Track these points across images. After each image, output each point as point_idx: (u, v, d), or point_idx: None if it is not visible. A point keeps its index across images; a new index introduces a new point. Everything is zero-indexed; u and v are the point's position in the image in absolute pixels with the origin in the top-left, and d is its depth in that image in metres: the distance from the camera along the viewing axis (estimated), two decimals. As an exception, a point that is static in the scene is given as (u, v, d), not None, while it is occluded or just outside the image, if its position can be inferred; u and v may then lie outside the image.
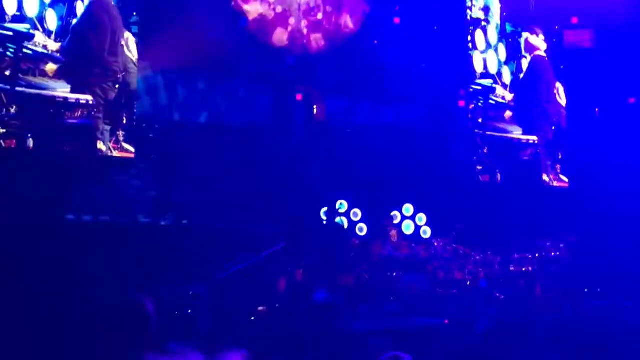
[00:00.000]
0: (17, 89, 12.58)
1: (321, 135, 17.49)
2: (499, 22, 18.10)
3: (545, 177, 18.49)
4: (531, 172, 18.01)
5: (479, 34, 17.92)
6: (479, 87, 17.78)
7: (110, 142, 14.02)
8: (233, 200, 15.33)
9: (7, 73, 12.53)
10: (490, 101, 17.74)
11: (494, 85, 17.91)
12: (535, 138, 18.33)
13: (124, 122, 14.34)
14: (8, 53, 12.55)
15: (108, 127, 13.96)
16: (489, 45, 17.96)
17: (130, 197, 14.43)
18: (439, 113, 18.39)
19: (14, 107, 12.56)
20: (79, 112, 13.39)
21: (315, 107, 17.66)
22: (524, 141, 17.93)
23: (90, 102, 13.42)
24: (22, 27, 12.87)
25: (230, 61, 16.18)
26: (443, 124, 18.27)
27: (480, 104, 17.56)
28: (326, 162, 16.84)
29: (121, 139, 14.24)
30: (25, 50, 12.66)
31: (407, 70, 18.01)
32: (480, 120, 17.56)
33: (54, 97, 13.09)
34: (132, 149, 14.31)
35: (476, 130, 17.49)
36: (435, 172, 17.68)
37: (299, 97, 17.39)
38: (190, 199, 15.12)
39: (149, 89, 15.71)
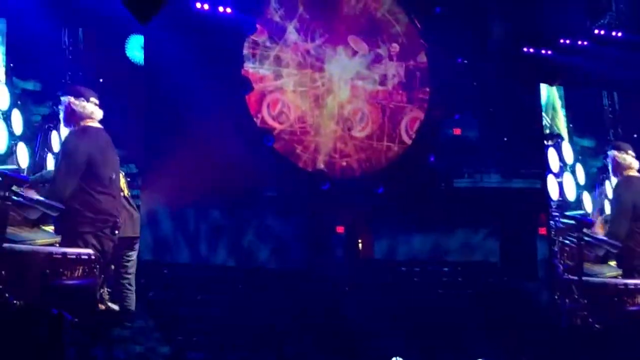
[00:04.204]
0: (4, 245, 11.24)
1: (368, 276, 15.98)
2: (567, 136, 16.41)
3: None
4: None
5: (551, 152, 15.89)
6: (571, 221, 15.45)
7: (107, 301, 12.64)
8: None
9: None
10: (586, 237, 15.33)
11: (586, 216, 15.59)
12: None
13: (122, 274, 12.79)
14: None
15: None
16: (564, 166, 15.98)
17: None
18: (515, 247, 16.52)
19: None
20: (80, 271, 11.88)
21: (360, 241, 16.43)
22: (632, 286, 15.28)
23: (93, 257, 11.92)
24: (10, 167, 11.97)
25: (252, 188, 15.53)
26: (521, 262, 16.38)
27: (571, 242, 15.19)
28: (375, 310, 15.00)
29: (106, 297, 12.67)
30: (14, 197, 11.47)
31: (471, 193, 16.54)
32: (571, 263, 15.17)
33: (50, 253, 11.65)
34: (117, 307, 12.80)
35: (568, 276, 15.07)
36: (513, 321, 15.33)
37: (340, 229, 16.17)
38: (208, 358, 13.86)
39: (154, 226, 14.91)
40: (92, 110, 12.22)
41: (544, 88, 15.87)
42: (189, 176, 14.25)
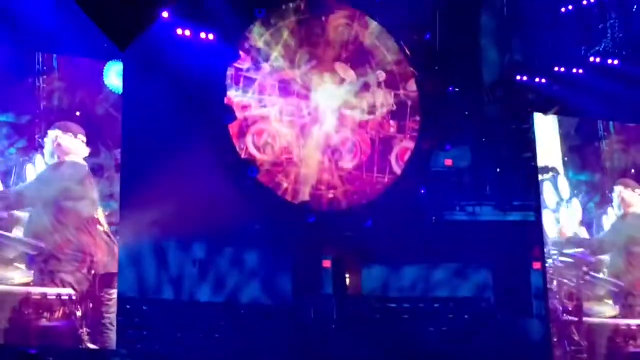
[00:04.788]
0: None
1: (356, 313, 15.65)
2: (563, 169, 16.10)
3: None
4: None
5: (547, 187, 15.58)
6: (570, 259, 15.12)
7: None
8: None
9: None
10: (586, 277, 15.02)
11: (585, 254, 15.29)
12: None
13: (103, 314, 12.62)
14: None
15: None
16: (560, 201, 15.68)
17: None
18: (509, 282, 16.28)
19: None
20: (60, 312, 12.07)
21: (347, 276, 16.14)
22: (634, 327, 14.94)
23: (74, 298, 12.13)
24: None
25: (235, 221, 14.90)
26: (515, 297, 16.12)
27: (570, 281, 14.90)
28: (364, 349, 14.69)
29: (85, 338, 12.46)
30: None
31: (463, 226, 16.15)
32: (570, 303, 14.87)
33: (29, 293, 11.86)
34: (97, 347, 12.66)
35: (567, 317, 14.75)
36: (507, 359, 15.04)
37: (326, 264, 15.88)
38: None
39: (134, 262, 14.57)
40: (77, 146, 12.47)
41: (538, 117, 15.59)
42: (169, 210, 13.94)
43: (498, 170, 16.44)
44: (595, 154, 15.86)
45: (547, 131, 15.72)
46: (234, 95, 15.25)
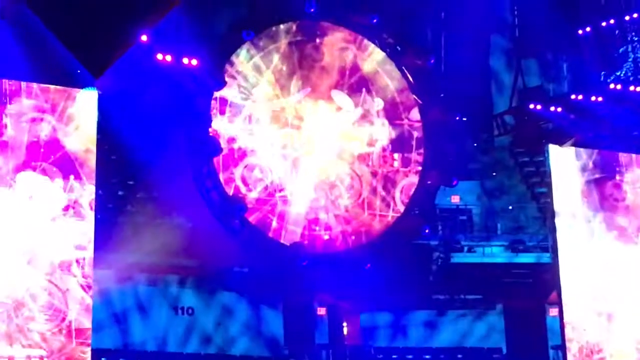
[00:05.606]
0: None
1: None
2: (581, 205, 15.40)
3: None
4: None
5: (564, 224, 14.91)
6: (590, 306, 14.44)
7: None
8: None
9: None
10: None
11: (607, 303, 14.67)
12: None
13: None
14: None
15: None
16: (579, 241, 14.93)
17: None
18: (522, 331, 15.56)
19: None
20: None
21: (344, 325, 15.48)
22: None
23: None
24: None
25: (221, 264, 14.42)
26: (530, 348, 15.30)
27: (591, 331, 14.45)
28: None
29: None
30: None
31: (472, 269, 15.42)
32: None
33: None
34: None
35: None
36: None
37: (321, 311, 15.34)
38: None
39: (110, 311, 13.93)
40: (47, 185, 11.79)
41: (553, 149, 14.84)
42: (149, 252, 13.56)
43: (510, 207, 16.05)
44: (616, 189, 15.20)
45: (563, 164, 15.07)
46: (220, 126, 14.42)
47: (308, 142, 14.95)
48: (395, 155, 15.31)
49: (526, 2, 15.68)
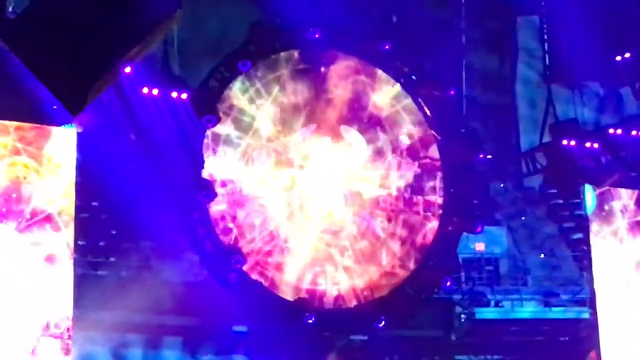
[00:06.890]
0: None
1: None
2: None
3: None
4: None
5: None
6: None
7: None
8: None
9: None
10: None
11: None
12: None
13: None
14: None
15: None
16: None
17: None
18: None
19: None
20: None
21: None
22: None
23: None
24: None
25: (216, 322, 13.81)
26: None
27: None
28: None
29: None
30: None
31: (499, 325, 14.64)
32: None
33: None
34: None
35: None
36: None
37: None
38: None
39: None
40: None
41: (589, 191, 14.41)
42: (135, 310, 12.92)
43: (542, 255, 15.22)
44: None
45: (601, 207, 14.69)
46: (213, 167, 13.75)
47: (312, 185, 14.22)
48: (413, 198, 14.56)
49: (557, 27, 15.00)
